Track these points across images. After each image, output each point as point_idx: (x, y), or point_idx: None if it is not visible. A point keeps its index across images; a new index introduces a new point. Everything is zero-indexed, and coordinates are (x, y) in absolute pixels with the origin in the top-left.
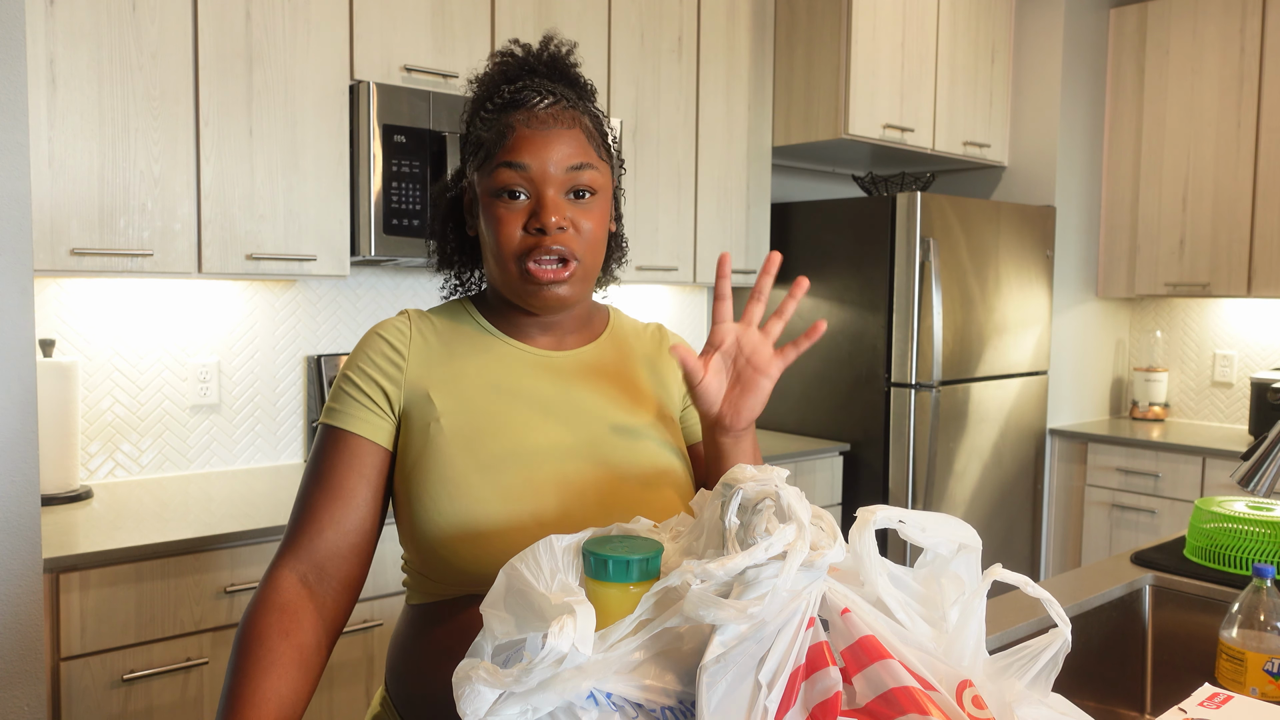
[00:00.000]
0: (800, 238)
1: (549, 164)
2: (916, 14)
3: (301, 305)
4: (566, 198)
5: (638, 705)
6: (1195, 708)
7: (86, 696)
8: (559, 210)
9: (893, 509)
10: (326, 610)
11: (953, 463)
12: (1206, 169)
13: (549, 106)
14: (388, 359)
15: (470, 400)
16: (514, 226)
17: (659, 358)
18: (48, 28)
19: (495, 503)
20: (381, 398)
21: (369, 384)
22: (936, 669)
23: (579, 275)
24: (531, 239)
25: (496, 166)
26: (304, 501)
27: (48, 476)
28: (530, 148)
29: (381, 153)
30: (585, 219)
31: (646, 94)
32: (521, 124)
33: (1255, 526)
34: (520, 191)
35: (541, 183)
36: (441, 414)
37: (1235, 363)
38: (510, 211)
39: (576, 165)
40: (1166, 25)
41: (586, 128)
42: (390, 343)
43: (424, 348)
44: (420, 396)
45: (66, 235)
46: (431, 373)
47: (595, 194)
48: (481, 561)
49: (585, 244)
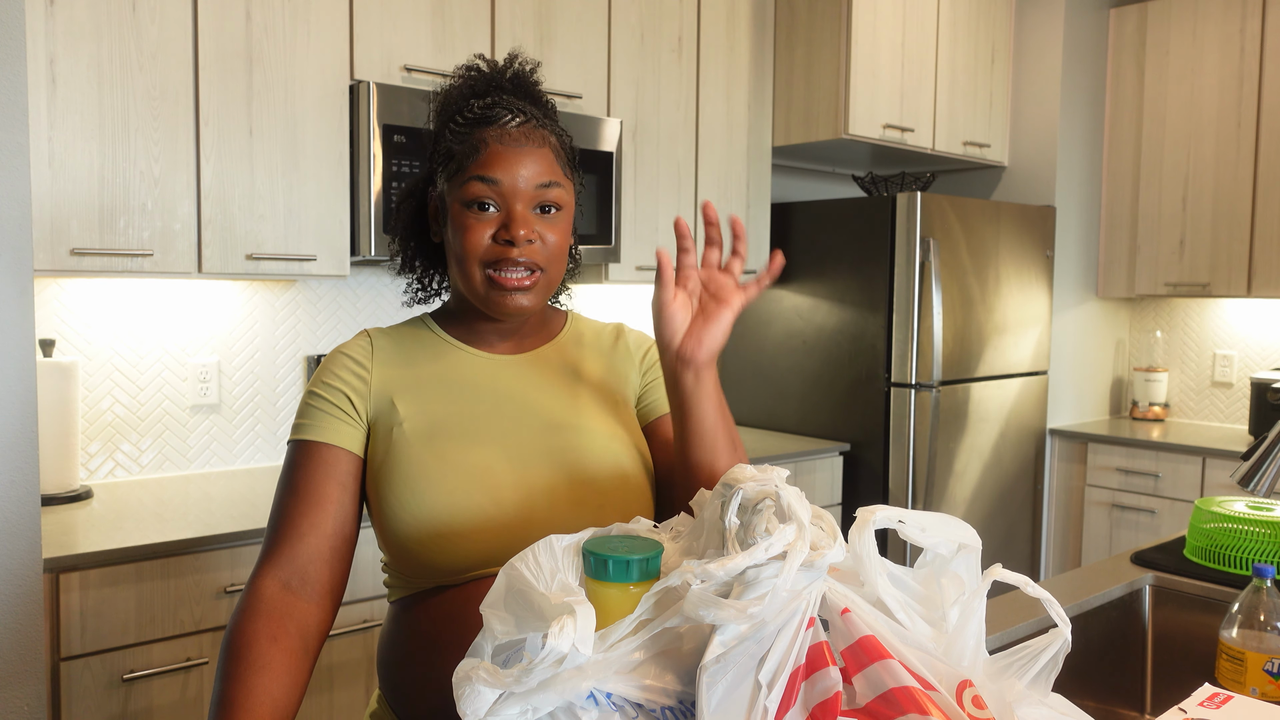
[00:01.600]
0: (800, 238)
1: (519, 180)
2: (916, 14)
3: (301, 305)
4: (534, 212)
5: (638, 705)
6: (1195, 708)
7: (86, 696)
8: (527, 224)
9: (892, 509)
10: (311, 614)
11: (953, 463)
12: (1206, 169)
13: (520, 125)
14: (352, 372)
15: (431, 404)
16: (482, 234)
17: (616, 354)
18: (48, 28)
19: (459, 498)
20: (349, 405)
21: (336, 395)
22: (936, 669)
23: (542, 285)
24: (498, 249)
25: (469, 179)
26: (281, 511)
27: (48, 476)
28: (502, 163)
29: (381, 153)
30: (551, 232)
31: (646, 94)
32: (494, 140)
33: (1255, 526)
34: (490, 204)
35: (511, 197)
36: (404, 418)
37: (1235, 363)
38: (479, 221)
39: (545, 183)
40: (1166, 25)
41: (555, 147)
42: (353, 357)
43: (385, 359)
44: (385, 403)
45: (66, 235)
46: (394, 381)
47: (561, 209)
48: (448, 554)
49: (549, 256)
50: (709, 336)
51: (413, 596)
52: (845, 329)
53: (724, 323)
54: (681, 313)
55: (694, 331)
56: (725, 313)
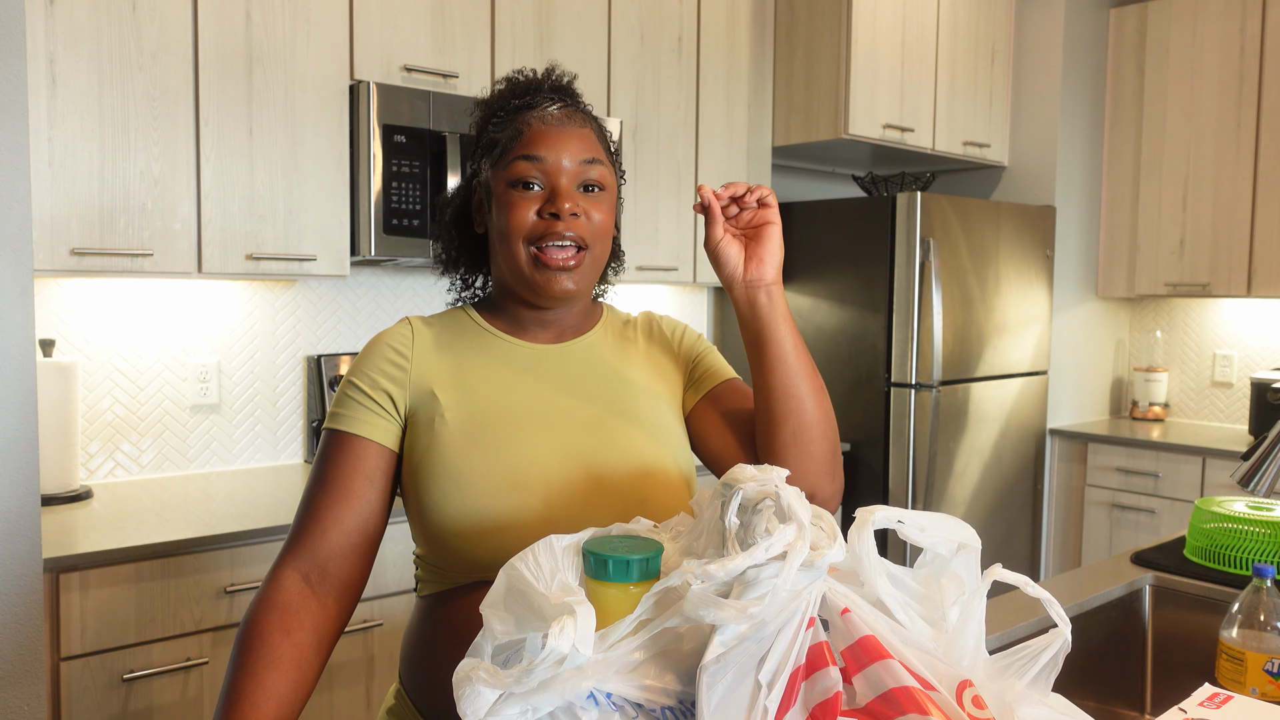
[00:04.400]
0: (800, 238)
1: (563, 156)
2: (916, 14)
3: (301, 305)
4: (578, 189)
5: (637, 705)
6: (1195, 708)
7: (86, 696)
8: (572, 198)
9: (892, 509)
10: (328, 609)
11: (953, 463)
12: (1206, 169)
13: (561, 109)
14: (392, 363)
15: (473, 395)
16: (528, 210)
17: (653, 345)
18: (48, 28)
19: (502, 492)
20: (386, 400)
21: (373, 388)
22: (936, 669)
23: (587, 265)
24: (544, 223)
25: (513, 160)
26: (308, 503)
27: (48, 476)
28: (546, 142)
29: (381, 153)
30: (596, 210)
31: (646, 94)
32: (537, 121)
33: (1255, 526)
34: (535, 182)
35: (556, 174)
36: (446, 409)
37: (1235, 363)
38: (525, 199)
39: (589, 159)
40: (1166, 25)
41: (596, 130)
42: (394, 347)
43: (427, 349)
44: (425, 394)
45: (66, 235)
46: (435, 371)
47: (604, 189)
48: (493, 549)
49: (595, 233)
50: (768, 253)
51: (447, 592)
52: (845, 329)
53: (775, 238)
54: (734, 245)
55: (752, 254)
56: (771, 229)
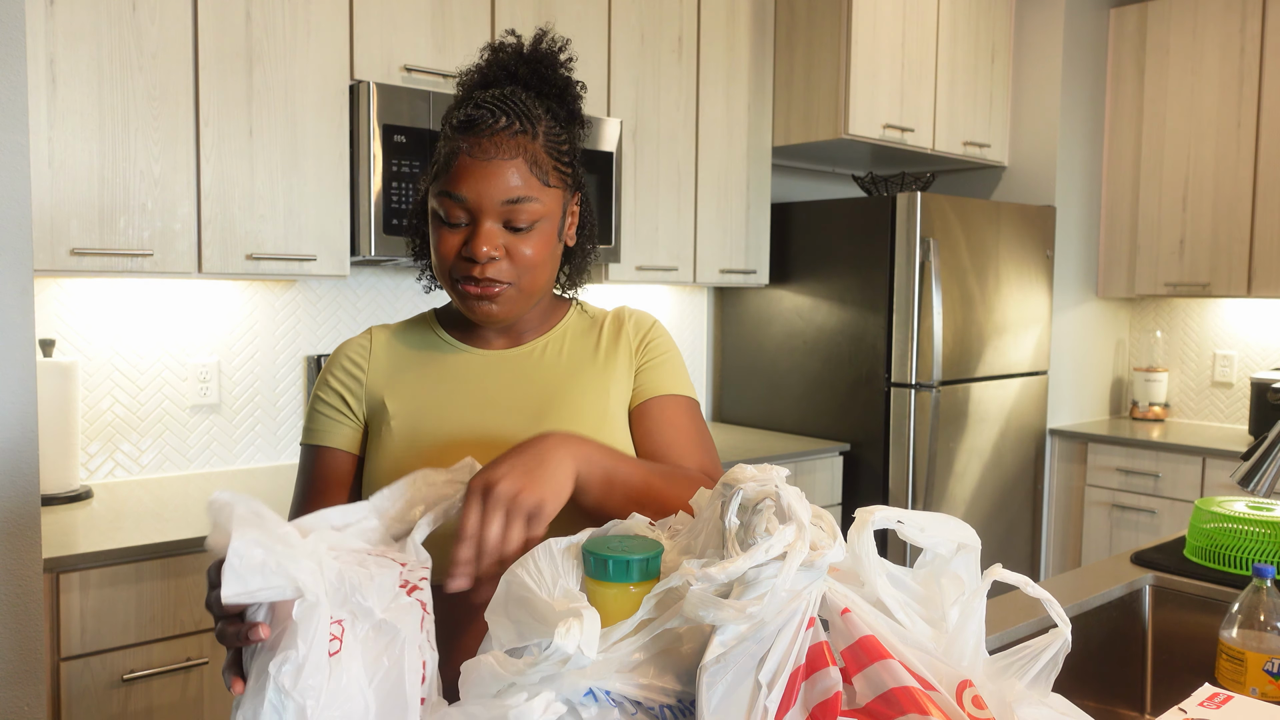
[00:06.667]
0: (800, 238)
1: (484, 197)
2: (916, 14)
3: (301, 305)
4: (501, 227)
5: (636, 703)
6: (1195, 708)
7: (86, 696)
8: (491, 240)
9: (892, 509)
10: None
11: (953, 463)
12: (1206, 169)
13: (498, 134)
14: (348, 372)
15: (419, 402)
16: (450, 248)
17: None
18: (48, 28)
19: None
20: (345, 406)
21: (334, 397)
22: (936, 669)
23: (510, 296)
24: (464, 264)
25: (440, 192)
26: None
27: (48, 476)
28: (469, 180)
29: (381, 153)
30: (523, 245)
31: (646, 94)
32: (465, 152)
33: (1255, 526)
34: (459, 221)
35: (478, 213)
36: (393, 416)
37: (1235, 363)
38: (450, 233)
39: (513, 199)
40: (1166, 25)
41: (532, 156)
42: (351, 357)
43: (382, 359)
44: (377, 403)
45: (66, 235)
46: (388, 381)
47: (536, 223)
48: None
49: (520, 269)
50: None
51: None
52: (845, 329)
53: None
54: None
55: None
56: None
